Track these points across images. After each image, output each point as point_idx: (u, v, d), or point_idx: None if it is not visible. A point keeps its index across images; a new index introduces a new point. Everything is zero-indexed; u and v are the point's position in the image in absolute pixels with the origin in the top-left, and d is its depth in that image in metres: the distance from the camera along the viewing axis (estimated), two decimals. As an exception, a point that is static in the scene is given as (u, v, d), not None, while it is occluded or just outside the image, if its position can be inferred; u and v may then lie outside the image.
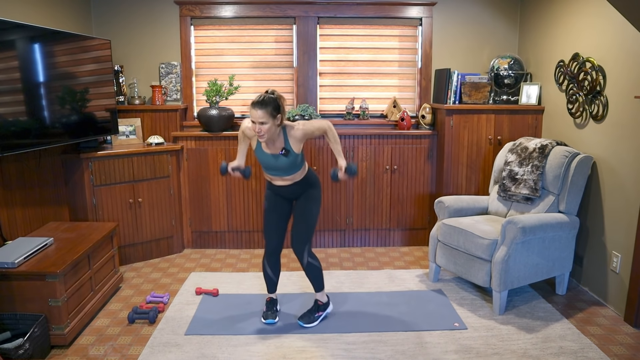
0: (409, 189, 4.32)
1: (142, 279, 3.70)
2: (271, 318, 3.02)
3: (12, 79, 2.88)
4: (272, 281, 3.08)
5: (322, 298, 3.03)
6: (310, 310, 3.01)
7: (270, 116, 2.59)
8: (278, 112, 2.63)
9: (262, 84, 4.43)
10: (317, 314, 3.00)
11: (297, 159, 2.76)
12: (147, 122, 4.21)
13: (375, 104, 4.50)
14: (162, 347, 2.74)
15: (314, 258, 2.93)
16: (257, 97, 2.62)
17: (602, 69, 3.27)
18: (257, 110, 2.57)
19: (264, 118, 2.58)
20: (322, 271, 2.99)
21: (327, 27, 4.39)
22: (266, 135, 2.63)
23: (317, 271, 2.95)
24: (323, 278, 3.01)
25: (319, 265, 2.96)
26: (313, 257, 2.92)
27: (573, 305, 3.26)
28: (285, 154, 2.72)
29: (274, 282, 3.08)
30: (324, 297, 3.04)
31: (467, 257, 3.26)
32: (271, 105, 2.59)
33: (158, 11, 4.27)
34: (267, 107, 2.57)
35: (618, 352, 2.69)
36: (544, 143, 3.48)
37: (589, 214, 3.44)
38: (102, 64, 3.70)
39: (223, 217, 4.28)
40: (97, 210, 3.71)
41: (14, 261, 2.61)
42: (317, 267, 2.94)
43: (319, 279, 2.98)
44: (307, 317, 2.98)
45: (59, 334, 2.68)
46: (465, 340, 2.81)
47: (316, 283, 2.98)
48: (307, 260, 2.89)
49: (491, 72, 4.20)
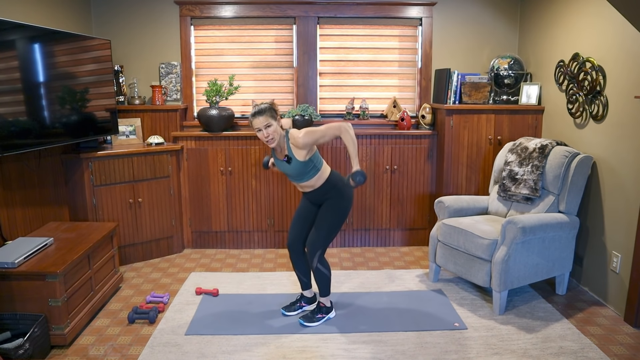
0: (409, 189, 4.32)
1: (142, 279, 3.70)
2: (285, 309, 3.11)
3: (12, 79, 2.89)
4: (299, 277, 3.12)
5: (325, 302, 3.04)
6: (313, 311, 3.03)
7: (271, 118, 2.68)
8: (276, 115, 2.72)
9: (262, 84, 4.43)
10: (318, 315, 3.00)
11: (303, 166, 2.76)
12: (147, 122, 4.21)
13: (375, 104, 4.50)
14: (162, 347, 2.74)
15: (324, 265, 2.94)
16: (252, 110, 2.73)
17: (602, 69, 3.27)
18: (257, 117, 2.68)
19: (266, 121, 2.67)
20: (330, 279, 3.00)
21: (327, 27, 4.39)
22: (274, 137, 2.70)
23: (324, 278, 2.96)
24: (330, 285, 3.02)
25: (328, 274, 2.97)
26: (323, 264, 2.93)
27: (573, 305, 3.26)
28: (288, 161, 2.76)
29: (301, 278, 3.12)
30: (328, 302, 3.05)
31: (467, 257, 3.26)
32: (267, 110, 2.69)
33: (158, 11, 4.27)
34: (264, 113, 2.68)
35: (618, 352, 2.69)
36: (544, 143, 3.48)
37: (589, 214, 3.44)
38: (102, 64, 3.70)
39: (223, 217, 4.28)
40: (97, 210, 3.71)
41: (14, 261, 2.61)
42: (325, 275, 2.95)
43: (325, 285, 2.99)
44: (309, 316, 2.99)
45: (59, 334, 2.68)
46: (465, 340, 2.81)
47: (322, 288, 3.00)
48: (316, 265, 2.91)
49: (491, 72, 4.20)
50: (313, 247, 2.89)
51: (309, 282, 3.15)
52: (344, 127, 2.66)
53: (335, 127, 2.67)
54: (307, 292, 3.16)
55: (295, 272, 3.12)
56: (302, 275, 3.11)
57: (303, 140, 2.68)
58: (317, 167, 2.81)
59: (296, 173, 2.79)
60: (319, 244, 2.88)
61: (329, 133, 2.68)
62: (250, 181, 4.23)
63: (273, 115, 2.69)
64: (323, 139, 2.71)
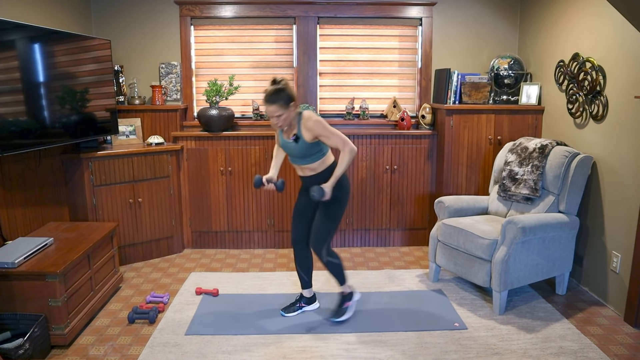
0: (409, 189, 4.32)
1: (142, 279, 3.70)
2: (285, 311, 3.10)
3: (12, 79, 2.88)
4: (300, 276, 3.13)
5: (345, 289, 3.06)
6: (338, 305, 3.04)
7: (282, 108, 2.65)
8: (290, 100, 2.67)
9: (262, 84, 4.43)
10: (345, 305, 3.02)
11: (310, 148, 2.76)
12: (147, 122, 4.21)
13: (375, 104, 4.50)
14: (162, 347, 2.74)
15: (333, 256, 2.95)
16: (266, 91, 2.66)
17: (602, 69, 3.27)
18: (270, 106, 2.66)
19: (277, 112, 2.66)
20: (342, 266, 3.02)
21: (327, 27, 4.39)
22: (285, 124, 2.72)
23: (337, 268, 2.98)
24: (344, 273, 3.03)
25: (339, 262, 2.99)
26: (332, 255, 2.95)
27: (573, 305, 3.26)
28: (296, 140, 2.76)
29: (302, 277, 3.13)
30: (347, 289, 3.07)
31: (467, 257, 3.26)
32: (282, 97, 2.64)
33: (158, 11, 4.27)
34: (278, 101, 2.64)
35: (618, 352, 2.69)
36: (544, 143, 3.48)
37: (589, 214, 3.44)
38: (102, 64, 3.70)
39: (223, 217, 4.28)
40: (97, 210, 3.71)
41: (14, 261, 2.61)
42: (337, 264, 2.97)
43: (340, 274, 3.01)
44: (337, 311, 3.01)
45: (59, 334, 2.68)
46: (465, 340, 2.81)
47: (339, 278, 3.02)
48: (325, 258, 2.92)
49: (491, 72, 4.20)
50: (318, 242, 2.89)
51: (310, 280, 3.15)
52: (350, 147, 2.71)
53: (343, 141, 2.71)
54: (306, 291, 3.16)
55: (297, 270, 3.12)
56: (304, 274, 3.11)
57: (310, 126, 2.71)
58: (322, 151, 2.83)
59: (301, 154, 2.79)
60: (323, 236, 2.88)
61: (335, 140, 2.72)
62: (250, 181, 4.23)
63: (285, 103, 2.65)
64: (326, 139, 2.73)
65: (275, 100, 2.64)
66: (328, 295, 3.35)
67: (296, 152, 2.80)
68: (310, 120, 2.71)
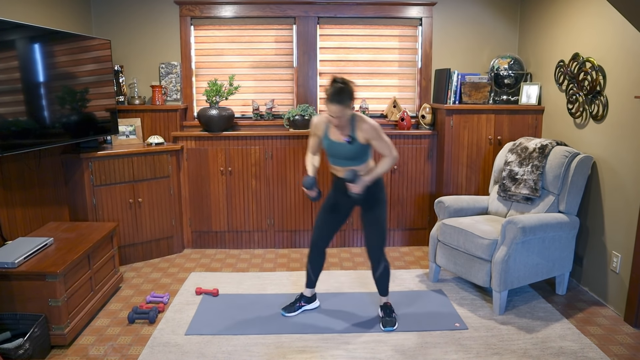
0: (409, 189, 4.32)
1: (142, 279, 3.70)
2: (285, 310, 3.10)
3: (12, 79, 2.88)
4: (309, 275, 3.12)
5: (389, 299, 3.08)
6: (387, 314, 3.00)
7: (345, 108, 2.62)
8: (352, 99, 2.66)
9: (262, 84, 4.43)
10: (394, 314, 3.02)
11: (362, 149, 2.75)
12: (147, 122, 4.21)
13: (375, 104, 4.50)
14: (162, 347, 2.74)
15: (387, 261, 2.98)
16: (330, 90, 2.62)
17: (602, 69, 3.27)
18: (334, 105, 2.60)
19: (340, 112, 2.62)
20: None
21: (327, 27, 4.39)
22: (342, 124, 2.69)
23: (389, 274, 3.00)
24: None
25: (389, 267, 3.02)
26: (387, 260, 2.98)
27: (573, 305, 3.26)
28: (350, 142, 2.73)
29: (311, 277, 3.12)
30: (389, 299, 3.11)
31: (467, 257, 3.26)
32: (347, 98, 2.61)
33: (158, 11, 4.27)
34: (342, 102, 2.60)
35: (618, 352, 2.69)
36: (544, 143, 3.48)
37: (589, 214, 3.44)
38: (102, 64, 3.70)
39: (223, 217, 4.28)
40: (97, 210, 3.71)
41: (14, 261, 2.61)
42: (389, 270, 3.00)
43: (388, 282, 3.02)
44: (389, 321, 2.97)
45: (59, 334, 2.68)
46: (465, 340, 2.81)
47: (386, 286, 3.03)
48: (384, 264, 2.94)
49: (491, 72, 4.20)
50: (379, 249, 2.90)
51: (316, 281, 3.15)
52: (395, 155, 2.79)
53: (391, 150, 2.76)
54: (308, 291, 3.16)
55: (307, 268, 3.11)
56: (314, 274, 3.11)
57: (366, 129, 2.69)
58: (370, 155, 2.85)
59: (353, 155, 2.76)
60: (382, 243, 2.90)
61: (384, 147, 2.74)
62: (250, 181, 4.23)
63: (348, 105, 2.62)
64: (377, 143, 2.73)
65: (341, 101, 2.59)
66: (328, 295, 3.35)
67: (348, 153, 2.76)
68: (367, 123, 2.70)
